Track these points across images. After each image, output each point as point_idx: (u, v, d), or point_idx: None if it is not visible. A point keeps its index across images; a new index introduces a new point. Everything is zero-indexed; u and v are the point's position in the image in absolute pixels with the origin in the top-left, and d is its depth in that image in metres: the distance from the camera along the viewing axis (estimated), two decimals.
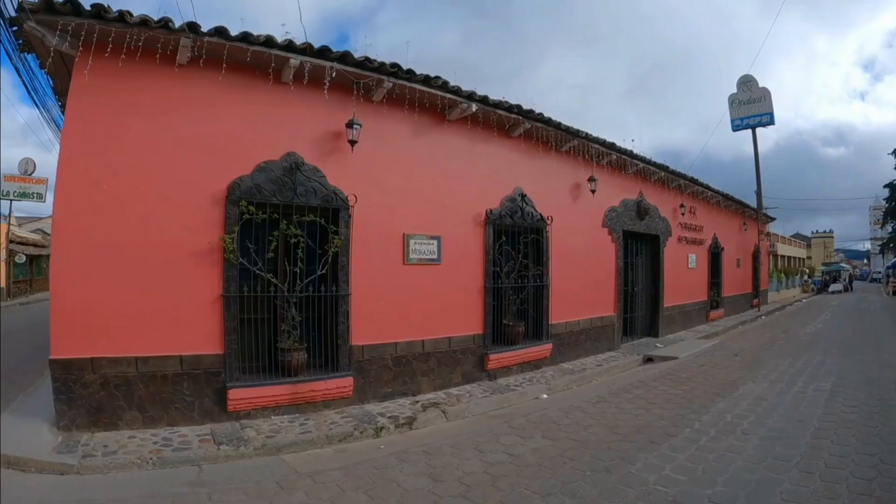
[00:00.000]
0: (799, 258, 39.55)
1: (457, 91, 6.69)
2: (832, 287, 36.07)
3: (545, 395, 7.07)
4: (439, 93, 6.53)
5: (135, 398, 4.91)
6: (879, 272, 55.54)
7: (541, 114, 7.73)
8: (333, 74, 5.63)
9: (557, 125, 8.03)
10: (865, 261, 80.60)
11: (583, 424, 5.51)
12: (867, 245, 77.26)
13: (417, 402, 6.34)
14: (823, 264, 55.35)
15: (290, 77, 5.51)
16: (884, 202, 39.86)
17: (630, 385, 7.30)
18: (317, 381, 5.73)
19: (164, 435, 4.78)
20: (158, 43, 4.88)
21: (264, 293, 5.54)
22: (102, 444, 4.52)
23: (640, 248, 11.70)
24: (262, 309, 5.64)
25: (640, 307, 11.80)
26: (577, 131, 8.39)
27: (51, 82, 6.39)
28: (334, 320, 5.95)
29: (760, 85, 20.54)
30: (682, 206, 12.81)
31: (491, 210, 7.54)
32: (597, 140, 8.89)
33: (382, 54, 6.52)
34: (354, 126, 5.82)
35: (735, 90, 20.55)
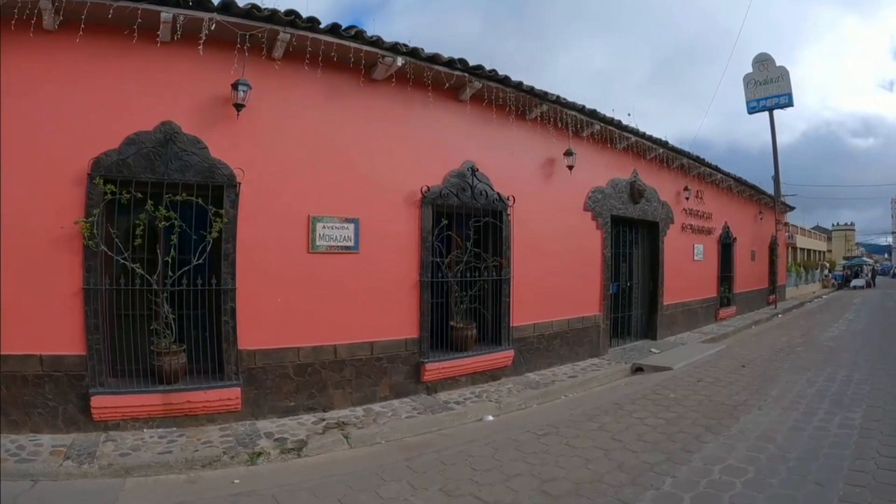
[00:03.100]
0: (819, 251, 36.31)
1: (376, 42, 5.10)
2: (854, 282, 32.77)
3: (490, 417, 5.39)
4: (353, 44, 4.97)
5: None
6: None
7: (493, 71, 5.92)
8: (212, 27, 4.40)
9: (518, 86, 6.20)
10: (887, 255, 74.96)
11: (507, 472, 3.83)
12: (889, 239, 71.94)
13: (324, 420, 4.96)
14: (844, 258, 51.21)
15: (168, 36, 4.41)
16: None
17: (598, 408, 5.49)
18: (194, 392, 4.58)
19: (21, 442, 4.06)
20: (16, 8, 3.96)
21: (130, 286, 4.49)
22: None
23: (635, 237, 9.75)
24: (139, 305, 4.63)
25: (637, 305, 9.86)
26: (546, 94, 6.52)
27: None
28: (217, 320, 4.74)
29: (779, 65, 18.05)
30: (686, 189, 10.72)
31: (429, 188, 5.80)
32: (573, 106, 7.00)
33: (400, 40, 5.31)
34: (240, 87, 4.55)
35: (751, 69, 18.02)
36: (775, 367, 7.52)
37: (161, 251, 4.59)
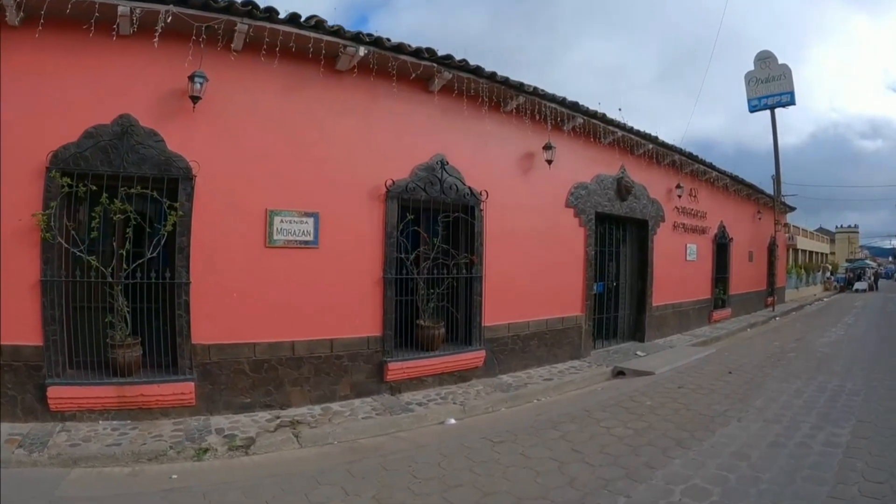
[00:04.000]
0: (822, 253, 35.32)
1: (337, 32, 4.80)
2: (857, 285, 31.83)
3: (453, 420, 5.03)
4: (313, 34, 4.72)
5: None
6: None
7: (464, 60, 5.52)
8: (169, 19, 4.22)
9: (491, 76, 5.78)
10: (891, 258, 73.08)
11: (448, 482, 3.50)
12: (894, 242, 70.23)
13: (279, 418, 4.71)
14: (847, 260, 49.90)
15: (126, 29, 4.28)
16: None
17: (566, 415, 5.08)
18: (148, 385, 4.44)
19: None
20: None
21: (86, 278, 4.39)
22: None
23: (623, 236, 9.28)
24: (97, 297, 4.49)
25: (623, 306, 9.38)
26: (522, 85, 6.09)
27: None
28: (171, 313, 4.60)
29: (783, 64, 17.34)
30: (678, 186, 10.19)
31: (394, 181, 5.42)
32: (553, 98, 6.55)
33: (404, 37, 5.27)
34: (196, 79, 4.38)
35: (752, 67, 17.34)
36: (764, 373, 7.04)
37: (116, 244, 4.46)
